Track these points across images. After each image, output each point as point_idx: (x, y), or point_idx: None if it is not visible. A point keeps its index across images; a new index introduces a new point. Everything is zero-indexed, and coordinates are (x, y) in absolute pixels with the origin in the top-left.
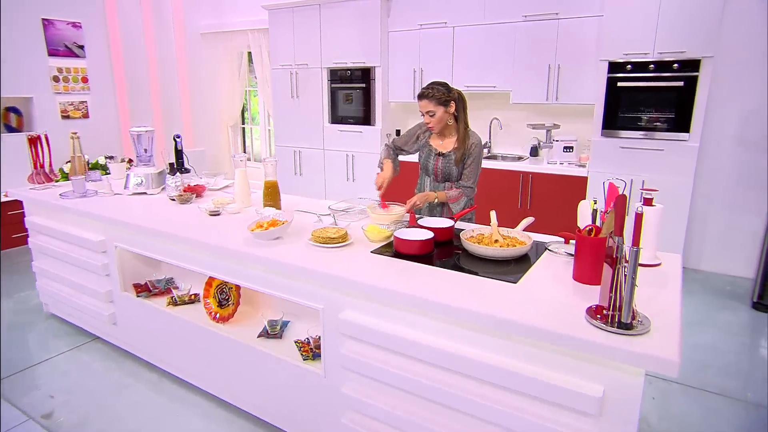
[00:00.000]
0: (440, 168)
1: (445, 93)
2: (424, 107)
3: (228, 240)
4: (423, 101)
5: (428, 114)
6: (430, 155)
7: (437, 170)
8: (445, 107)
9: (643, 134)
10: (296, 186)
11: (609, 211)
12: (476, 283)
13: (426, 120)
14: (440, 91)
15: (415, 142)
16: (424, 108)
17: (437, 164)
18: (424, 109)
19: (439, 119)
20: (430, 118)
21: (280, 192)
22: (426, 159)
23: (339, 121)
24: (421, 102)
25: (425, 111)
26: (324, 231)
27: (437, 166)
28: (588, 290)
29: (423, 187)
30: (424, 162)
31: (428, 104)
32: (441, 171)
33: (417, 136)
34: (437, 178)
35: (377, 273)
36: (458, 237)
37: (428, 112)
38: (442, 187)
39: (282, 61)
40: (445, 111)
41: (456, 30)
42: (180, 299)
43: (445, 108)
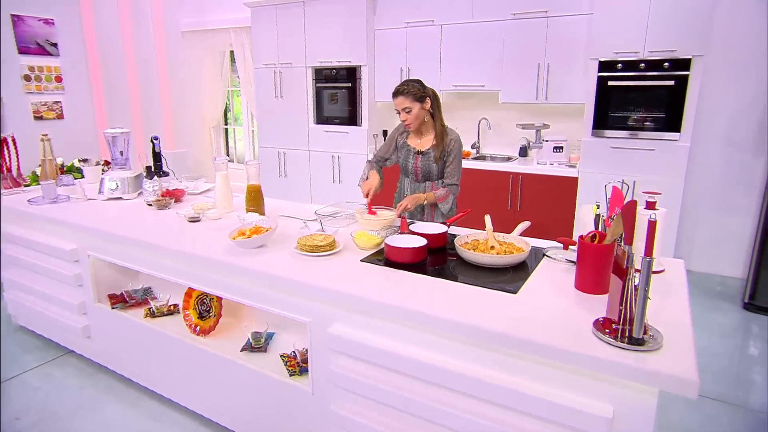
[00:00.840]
0: (420, 167)
1: (420, 89)
2: (400, 104)
3: (208, 248)
4: (399, 98)
5: (405, 111)
6: (409, 155)
7: (417, 169)
8: (421, 103)
9: (633, 134)
10: (280, 188)
11: (613, 217)
12: (474, 294)
13: (402, 117)
14: (415, 87)
15: (395, 147)
16: (400, 105)
17: (417, 163)
18: (401, 106)
19: (416, 116)
20: (406, 114)
21: (263, 196)
22: (405, 159)
23: (324, 122)
24: (397, 99)
25: (401, 108)
26: (310, 238)
27: (417, 165)
28: (592, 301)
29: (403, 189)
30: (403, 162)
31: (404, 101)
32: (421, 170)
33: (395, 140)
34: (417, 177)
35: (368, 284)
36: (452, 243)
37: (404, 109)
38: (423, 188)
39: (265, 60)
40: (422, 107)
41: (444, 28)
42: (158, 310)
43: (421, 104)
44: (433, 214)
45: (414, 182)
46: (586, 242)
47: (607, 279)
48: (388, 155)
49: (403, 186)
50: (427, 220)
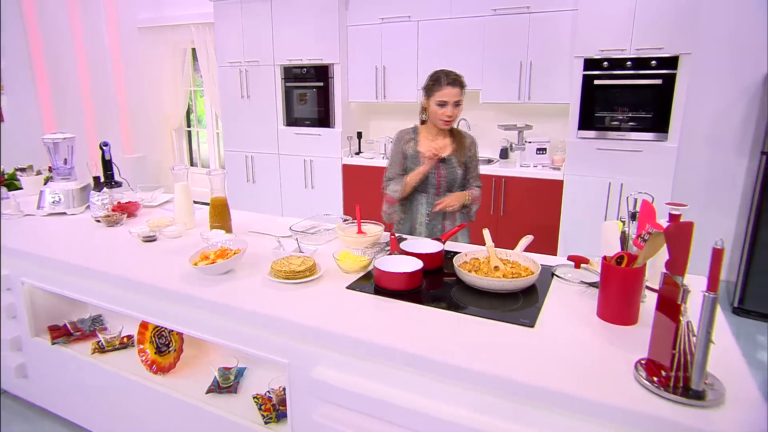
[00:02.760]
0: (444, 176)
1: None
2: (454, 96)
3: (165, 275)
4: (455, 89)
5: (455, 104)
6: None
7: (440, 180)
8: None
9: (621, 135)
10: (249, 195)
11: (644, 236)
12: (483, 329)
13: (448, 112)
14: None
15: (406, 158)
16: (453, 97)
17: (439, 173)
18: (454, 98)
19: (459, 113)
20: (454, 109)
21: (230, 210)
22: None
23: (295, 123)
24: (454, 89)
25: (454, 100)
26: (286, 262)
27: (440, 176)
28: (620, 333)
29: (417, 207)
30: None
31: (459, 92)
32: (445, 180)
33: (402, 151)
34: (439, 189)
35: (356, 318)
36: (448, 262)
37: (456, 102)
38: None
39: (230, 58)
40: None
41: (420, 24)
42: (108, 344)
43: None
44: (454, 218)
45: (433, 196)
46: (612, 265)
47: (636, 307)
48: (403, 170)
49: (416, 203)
50: (448, 227)
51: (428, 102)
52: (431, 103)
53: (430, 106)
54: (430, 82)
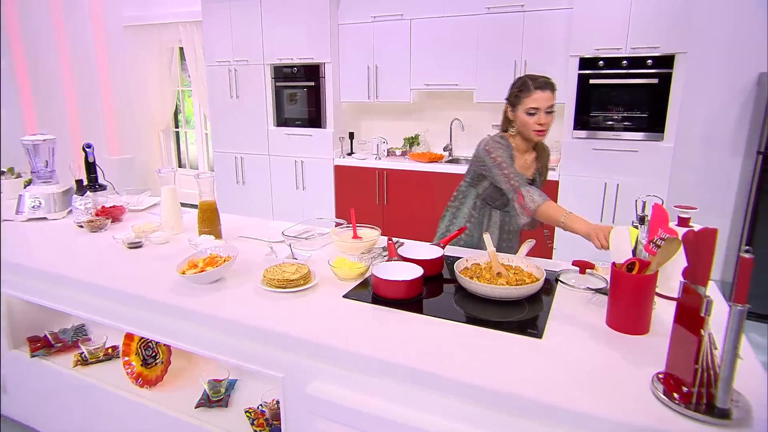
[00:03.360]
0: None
1: None
2: (546, 101)
3: (151, 285)
4: (546, 92)
5: (547, 111)
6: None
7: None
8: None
9: (617, 135)
10: (238, 196)
11: (656, 241)
12: (489, 340)
13: (542, 120)
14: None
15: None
16: (546, 102)
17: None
18: (547, 103)
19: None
20: (547, 117)
21: (219, 215)
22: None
23: (285, 124)
24: (545, 93)
25: (546, 107)
26: (279, 270)
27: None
28: (631, 343)
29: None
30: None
31: (552, 96)
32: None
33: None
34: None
35: (354, 329)
36: (448, 268)
37: (549, 109)
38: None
39: (219, 57)
40: None
41: (413, 23)
42: (92, 356)
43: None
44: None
45: (507, 215)
46: (623, 272)
47: (647, 317)
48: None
49: (486, 219)
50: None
51: (515, 113)
52: (520, 114)
53: (519, 117)
54: (515, 90)
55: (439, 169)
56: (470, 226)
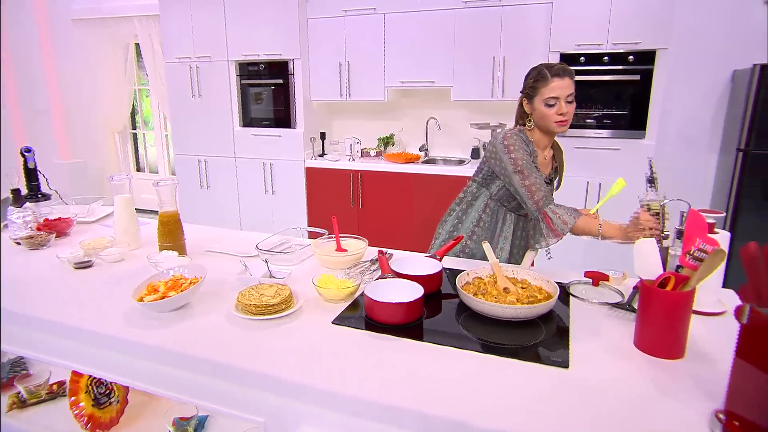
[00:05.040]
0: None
1: None
2: (566, 89)
3: (102, 315)
4: (566, 79)
5: (567, 100)
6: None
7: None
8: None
9: (598, 132)
10: (202, 202)
11: (694, 252)
12: (509, 372)
13: (564, 109)
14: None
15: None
16: (565, 90)
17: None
18: (567, 91)
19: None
20: (568, 106)
21: (183, 227)
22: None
23: (252, 124)
24: (564, 81)
25: (566, 95)
26: (256, 292)
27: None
28: (671, 371)
29: (500, 228)
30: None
31: (572, 84)
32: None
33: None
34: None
35: (347, 364)
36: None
37: (568, 97)
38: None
39: (178, 53)
40: None
41: (387, 17)
42: (32, 395)
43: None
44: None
45: (522, 219)
46: (656, 289)
47: (683, 339)
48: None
49: (499, 222)
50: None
51: (532, 105)
52: (537, 105)
53: (537, 108)
54: (530, 81)
55: (416, 170)
56: (479, 231)
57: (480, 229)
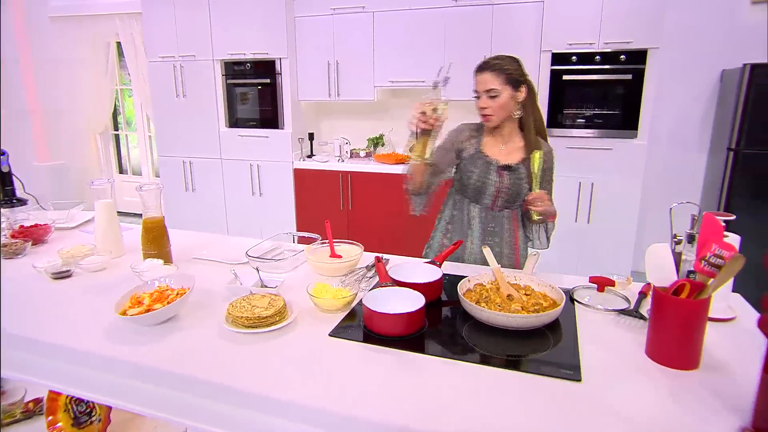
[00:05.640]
0: (505, 187)
1: (518, 70)
2: (485, 84)
3: (82, 330)
4: (485, 74)
5: (489, 94)
6: (489, 170)
7: (499, 192)
8: (515, 90)
9: (590, 132)
10: (187, 205)
11: (709, 258)
12: (516, 386)
13: (483, 104)
14: (513, 65)
15: (456, 156)
16: (484, 84)
17: (501, 182)
18: (485, 86)
19: (502, 106)
20: (489, 101)
21: (168, 233)
22: (482, 176)
23: (239, 125)
24: (483, 75)
25: (485, 90)
26: (248, 303)
27: (500, 186)
28: (686, 382)
29: (466, 220)
30: (477, 180)
31: (492, 80)
32: (506, 192)
33: (455, 147)
34: (495, 204)
35: (347, 382)
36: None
37: (489, 92)
38: (501, 219)
39: (162, 52)
40: (512, 96)
41: (376, 16)
42: (7, 415)
43: (513, 91)
44: (517, 238)
45: (487, 210)
46: (669, 296)
47: (699, 349)
48: (445, 167)
49: (465, 215)
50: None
51: None
52: None
53: None
54: None
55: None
56: (451, 228)
57: (452, 226)
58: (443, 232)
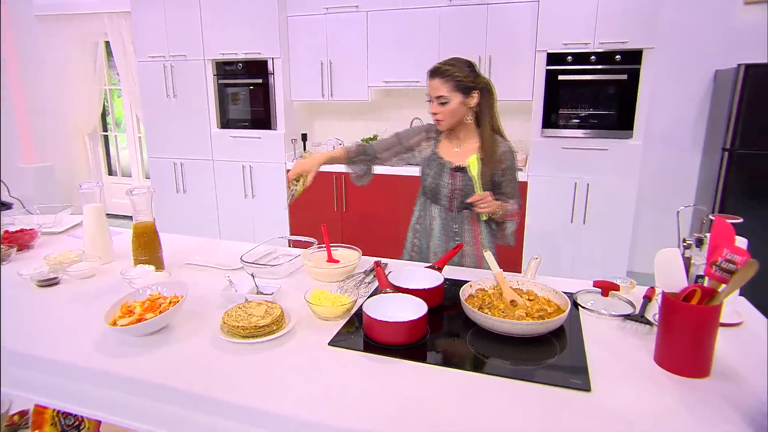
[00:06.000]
0: (458, 189)
1: (469, 77)
2: (435, 90)
3: (70, 341)
4: (435, 81)
5: (439, 101)
6: (442, 172)
7: (453, 193)
8: (465, 96)
9: (586, 133)
10: (178, 207)
11: (720, 263)
12: (525, 397)
13: (433, 110)
14: (463, 72)
15: (409, 150)
16: (434, 90)
17: (454, 184)
18: (435, 92)
19: (452, 112)
20: (440, 107)
21: (160, 237)
22: (436, 178)
23: (230, 125)
24: (432, 82)
25: (435, 96)
26: (243, 311)
27: (453, 187)
28: (699, 391)
29: (428, 221)
30: (432, 182)
31: (441, 86)
32: (460, 193)
33: (414, 140)
34: (451, 205)
35: (350, 394)
36: (450, 296)
37: (439, 98)
38: (460, 220)
39: (151, 51)
40: (463, 102)
41: (370, 15)
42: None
43: (464, 97)
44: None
45: (447, 211)
46: (680, 303)
47: (710, 356)
48: (387, 156)
49: (428, 216)
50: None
51: None
52: None
53: None
54: None
55: (400, 171)
56: (419, 227)
57: (420, 226)
58: (413, 233)
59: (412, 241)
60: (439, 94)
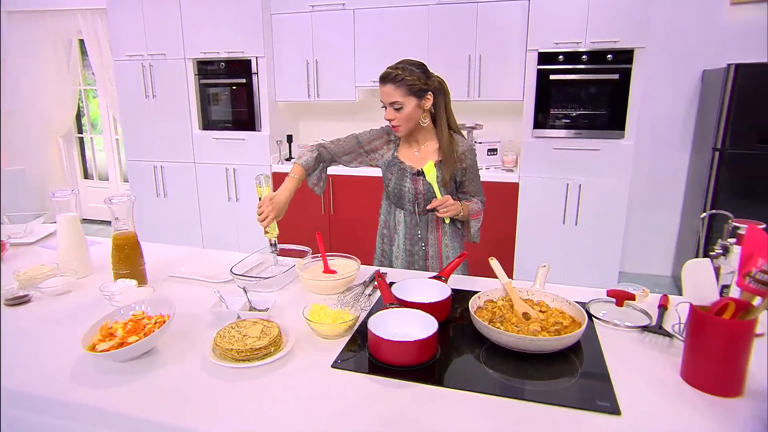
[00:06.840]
0: (421, 194)
1: (421, 79)
2: (388, 96)
3: (43, 369)
4: (387, 86)
5: (393, 107)
6: (404, 177)
7: (417, 197)
8: (419, 100)
9: (578, 133)
10: (159, 212)
11: (755, 274)
12: (550, 423)
13: (388, 116)
14: (414, 74)
15: (369, 153)
16: (387, 97)
17: (416, 189)
18: (388, 99)
19: (408, 117)
20: (395, 113)
21: (141, 249)
22: (398, 183)
23: (213, 127)
24: (384, 87)
25: (389, 102)
26: (237, 331)
27: (416, 192)
28: (731, 411)
29: (393, 225)
30: (395, 186)
31: (394, 92)
32: (423, 197)
33: (374, 148)
34: (416, 208)
35: (359, 423)
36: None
37: (393, 104)
38: (425, 222)
39: (129, 50)
40: (418, 105)
41: (357, 13)
42: None
43: (418, 101)
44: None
45: (411, 215)
46: (711, 317)
47: (743, 373)
48: (346, 159)
49: (393, 221)
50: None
51: None
52: None
53: None
54: None
55: None
56: (385, 231)
57: (386, 231)
58: (380, 237)
59: (381, 248)
60: (392, 100)
